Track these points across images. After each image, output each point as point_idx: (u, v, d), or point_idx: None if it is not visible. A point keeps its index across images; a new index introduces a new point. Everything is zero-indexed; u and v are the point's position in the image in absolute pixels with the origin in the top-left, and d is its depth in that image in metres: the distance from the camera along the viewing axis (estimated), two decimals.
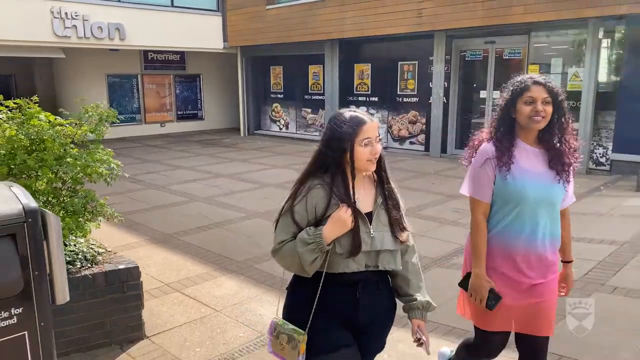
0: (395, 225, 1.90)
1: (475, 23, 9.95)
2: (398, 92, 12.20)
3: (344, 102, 13.23)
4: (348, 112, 1.88)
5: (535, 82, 2.10)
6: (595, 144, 9.40)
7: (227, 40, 15.34)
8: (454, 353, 2.73)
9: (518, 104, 2.11)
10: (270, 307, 3.99)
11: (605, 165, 9.31)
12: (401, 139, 12.29)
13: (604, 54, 9.39)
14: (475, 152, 2.25)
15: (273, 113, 15.73)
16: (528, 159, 2.15)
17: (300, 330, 1.85)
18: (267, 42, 14.17)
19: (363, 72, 12.89)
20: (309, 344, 1.84)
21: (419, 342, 1.96)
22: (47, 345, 1.79)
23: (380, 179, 1.95)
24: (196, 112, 17.13)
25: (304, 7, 13.01)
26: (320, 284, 1.84)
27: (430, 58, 11.20)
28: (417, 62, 11.78)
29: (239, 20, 14.76)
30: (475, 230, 2.22)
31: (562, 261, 2.33)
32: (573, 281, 2.40)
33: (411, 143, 12.11)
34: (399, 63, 12.08)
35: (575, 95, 9.32)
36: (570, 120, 2.17)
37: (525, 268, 2.17)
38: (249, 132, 15.98)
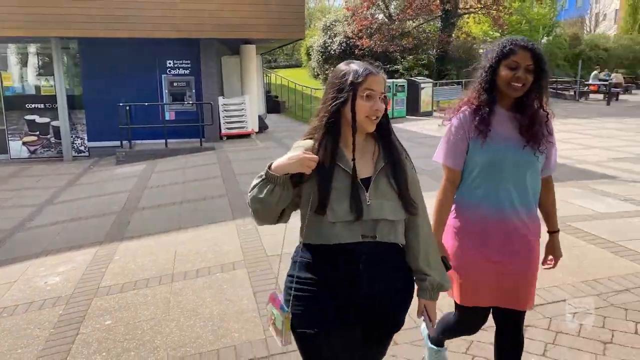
0: (400, 195, 1.71)
1: None
2: None
3: None
4: (352, 62, 1.71)
5: (523, 47, 2.01)
6: (74, 136, 11.94)
7: None
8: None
9: (501, 67, 2.04)
10: None
11: (85, 152, 12.04)
12: None
13: (67, 64, 11.93)
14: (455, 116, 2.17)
15: None
16: (503, 124, 2.08)
17: (285, 308, 1.69)
18: None
19: None
20: (296, 322, 1.69)
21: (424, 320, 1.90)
22: None
23: (386, 145, 1.75)
24: None
25: None
26: (310, 256, 1.71)
27: None
28: None
29: None
30: (440, 196, 2.18)
31: (547, 232, 2.28)
32: (560, 252, 2.30)
33: None
34: None
35: (51, 99, 11.50)
36: (548, 90, 2.11)
37: (503, 237, 2.10)
38: None
